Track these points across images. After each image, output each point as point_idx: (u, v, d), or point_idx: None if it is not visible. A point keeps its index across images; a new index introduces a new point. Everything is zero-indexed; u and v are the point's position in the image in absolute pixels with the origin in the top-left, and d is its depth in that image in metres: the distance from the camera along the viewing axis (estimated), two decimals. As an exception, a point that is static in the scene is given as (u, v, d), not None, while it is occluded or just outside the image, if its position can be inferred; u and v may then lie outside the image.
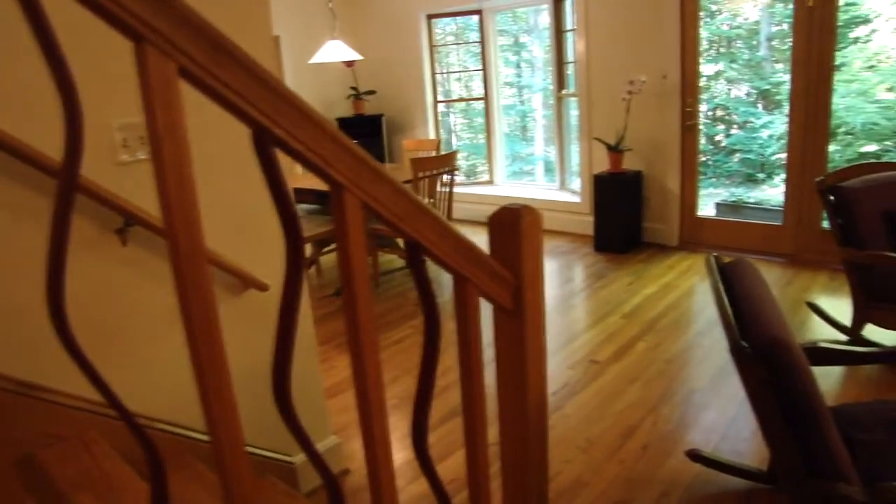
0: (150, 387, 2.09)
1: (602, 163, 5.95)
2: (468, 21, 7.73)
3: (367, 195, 0.97)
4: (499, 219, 1.25)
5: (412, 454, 2.84)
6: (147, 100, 0.77)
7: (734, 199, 8.85)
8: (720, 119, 9.74)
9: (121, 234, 2.00)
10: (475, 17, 7.36)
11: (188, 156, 0.81)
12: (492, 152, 7.69)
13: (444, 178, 5.03)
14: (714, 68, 9.47)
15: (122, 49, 0.83)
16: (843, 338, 3.69)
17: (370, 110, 7.89)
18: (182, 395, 1.87)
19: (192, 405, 1.19)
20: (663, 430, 2.95)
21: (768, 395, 1.60)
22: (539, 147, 10.16)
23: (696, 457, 2.66)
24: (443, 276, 4.75)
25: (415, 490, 2.62)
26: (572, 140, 6.86)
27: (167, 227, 0.81)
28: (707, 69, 9.39)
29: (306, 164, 0.92)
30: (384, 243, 5.32)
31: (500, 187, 7.62)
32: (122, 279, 2.02)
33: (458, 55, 9.27)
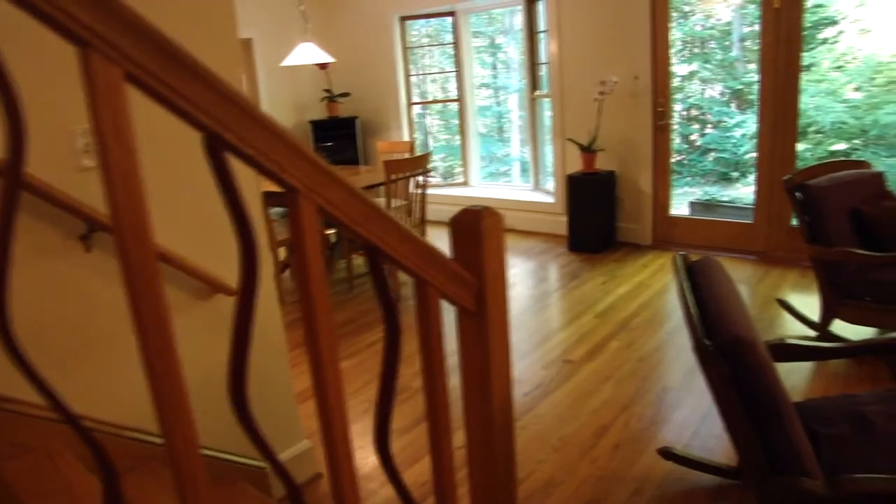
0: (119, 393, 2.07)
1: (575, 163, 5.99)
2: (443, 23, 7.74)
3: (322, 199, 0.97)
4: (459, 221, 1.26)
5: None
6: (93, 106, 0.76)
7: (708, 197, 8.94)
8: (695, 119, 9.84)
9: (85, 240, 1.98)
10: (449, 19, 7.37)
11: (137, 163, 0.80)
12: (466, 154, 7.71)
13: (420, 180, 5.03)
14: (688, 68, 9.57)
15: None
16: (813, 333, 3.75)
17: (344, 112, 7.87)
18: (150, 401, 1.85)
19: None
20: (636, 428, 2.97)
21: (731, 393, 1.62)
22: (515, 148, 10.20)
23: (667, 454, 2.69)
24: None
25: (388, 493, 2.62)
26: (546, 141, 6.89)
27: (116, 236, 0.80)
28: (681, 69, 9.48)
29: (260, 169, 0.92)
30: (358, 246, 5.30)
31: (475, 189, 7.64)
32: (87, 285, 1.99)
33: (435, 57, 9.28)
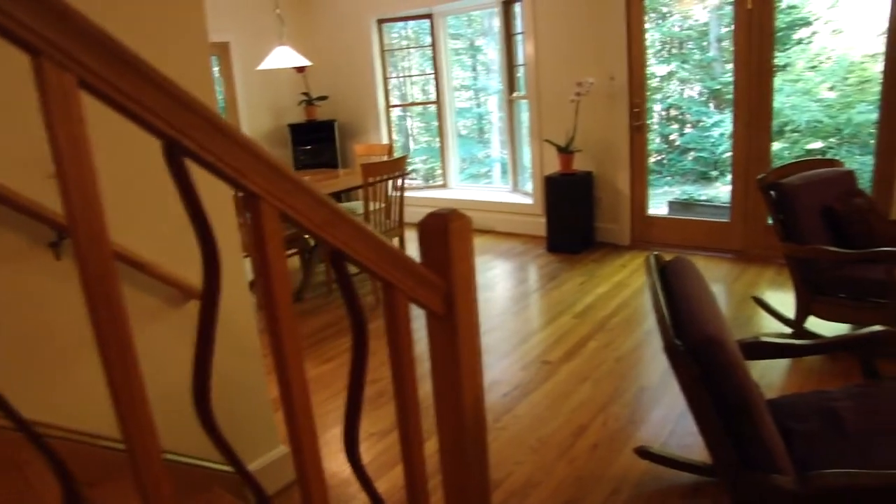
0: (91, 401, 2.05)
1: (553, 164, 6.01)
2: (422, 25, 7.73)
3: (284, 205, 0.97)
4: (427, 224, 1.26)
5: (364, 460, 2.83)
6: (47, 114, 0.75)
7: (686, 197, 9.02)
8: (674, 119, 9.93)
9: (55, 247, 1.96)
10: (427, 21, 7.38)
11: (93, 170, 0.80)
12: (445, 156, 7.71)
13: (398, 183, 5.03)
14: (667, 69, 9.65)
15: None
16: (788, 330, 3.79)
17: (322, 116, 7.85)
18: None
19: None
20: (613, 428, 2.98)
21: (702, 392, 1.63)
22: (496, 149, 10.23)
23: (644, 453, 2.70)
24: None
25: (366, 498, 2.61)
26: (524, 142, 6.91)
27: (73, 243, 0.79)
28: (660, 70, 9.56)
29: (220, 175, 0.91)
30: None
31: (454, 191, 7.64)
32: (57, 293, 1.98)
33: (415, 59, 9.28)
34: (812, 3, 8.13)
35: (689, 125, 9.68)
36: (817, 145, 8.40)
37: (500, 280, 5.37)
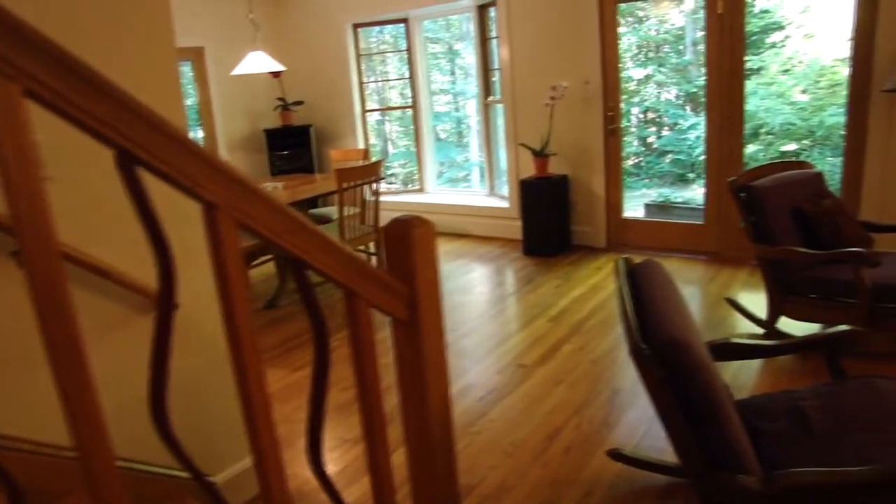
0: (57, 413, 2.02)
1: (529, 168, 6.04)
2: (399, 29, 7.72)
3: (241, 213, 0.97)
4: (390, 231, 1.26)
5: (337, 467, 2.82)
6: (-8, 124, 0.75)
7: (662, 199, 9.10)
8: (651, 121, 10.01)
9: (17, 256, 1.94)
10: (403, 26, 7.38)
11: (39, 181, 0.79)
12: (422, 160, 7.71)
13: (374, 187, 5.02)
14: (644, 72, 9.73)
15: None
16: (761, 331, 3.83)
17: (299, 121, 7.82)
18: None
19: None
20: (587, 430, 2.99)
21: (668, 395, 1.65)
22: (475, 153, 10.26)
23: (617, 456, 2.72)
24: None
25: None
26: (501, 146, 6.93)
27: (22, 252, 0.79)
28: (637, 73, 9.65)
29: (176, 185, 0.91)
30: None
31: (431, 195, 7.64)
32: (20, 302, 1.95)
33: (394, 63, 9.27)
34: (785, 7, 8.24)
35: (666, 128, 9.77)
36: (791, 147, 8.52)
37: (477, 284, 5.38)
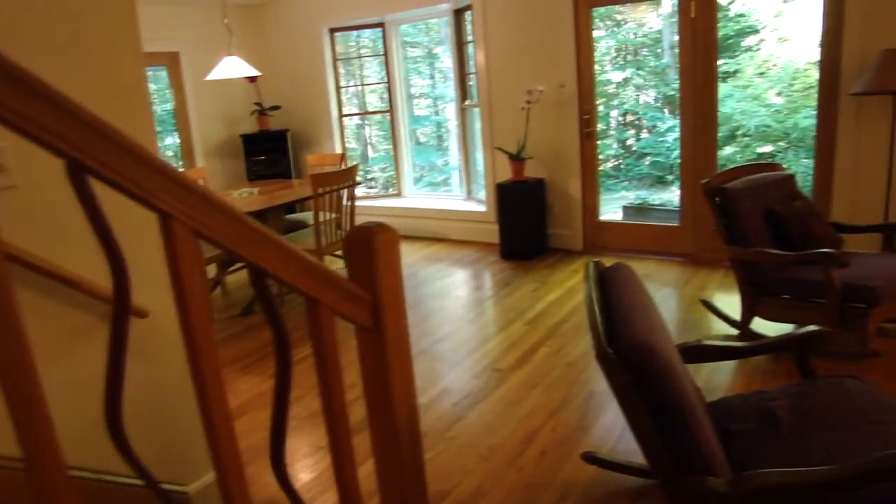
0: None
1: (505, 172, 6.05)
2: (377, 33, 7.70)
3: (197, 223, 0.96)
4: (352, 238, 1.26)
5: (312, 475, 2.81)
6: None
7: (639, 201, 9.16)
8: (630, 124, 10.08)
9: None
10: (379, 30, 7.38)
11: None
12: (399, 164, 7.71)
13: (351, 192, 5.02)
14: (622, 75, 9.79)
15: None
16: (735, 332, 3.87)
17: (275, 125, 7.78)
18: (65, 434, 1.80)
19: (76, 443, 1.11)
20: (563, 434, 3.00)
21: (635, 399, 1.66)
22: (454, 157, 10.26)
23: (591, 459, 2.73)
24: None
25: (315, 511, 2.59)
26: (478, 150, 6.94)
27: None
28: (616, 76, 9.70)
29: (129, 194, 0.90)
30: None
31: (409, 199, 7.64)
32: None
33: (374, 67, 9.25)
34: (759, 11, 8.34)
35: (645, 130, 9.84)
36: (767, 149, 8.61)
37: (454, 288, 5.38)
